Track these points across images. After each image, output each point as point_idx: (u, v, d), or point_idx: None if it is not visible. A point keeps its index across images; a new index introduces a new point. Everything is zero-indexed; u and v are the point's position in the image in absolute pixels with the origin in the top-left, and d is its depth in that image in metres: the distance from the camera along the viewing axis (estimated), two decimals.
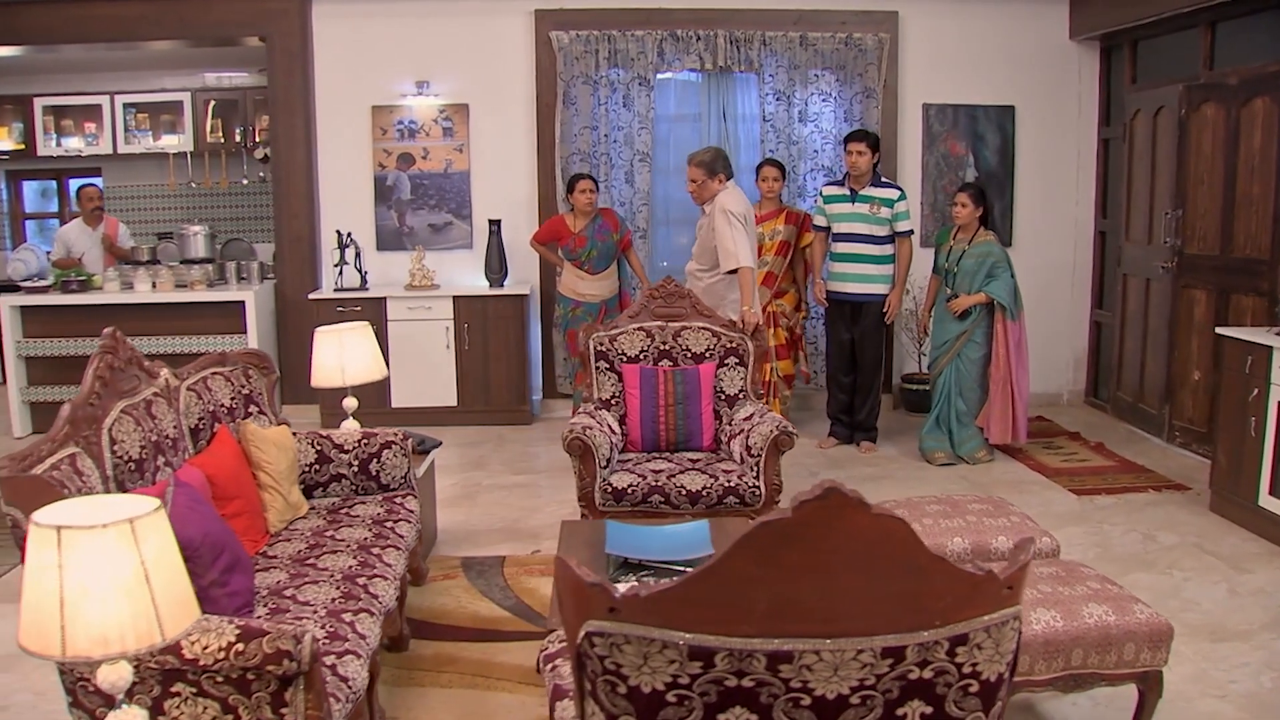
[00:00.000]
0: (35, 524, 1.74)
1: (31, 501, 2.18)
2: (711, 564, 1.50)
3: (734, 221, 4.99)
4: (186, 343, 6.50)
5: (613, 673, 1.59)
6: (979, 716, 1.69)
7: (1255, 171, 5.28)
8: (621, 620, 1.55)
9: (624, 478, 4.03)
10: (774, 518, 1.48)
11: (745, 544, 1.48)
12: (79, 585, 1.70)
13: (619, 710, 1.61)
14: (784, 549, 1.49)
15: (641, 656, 1.56)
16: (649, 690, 1.58)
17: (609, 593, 1.55)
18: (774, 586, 1.50)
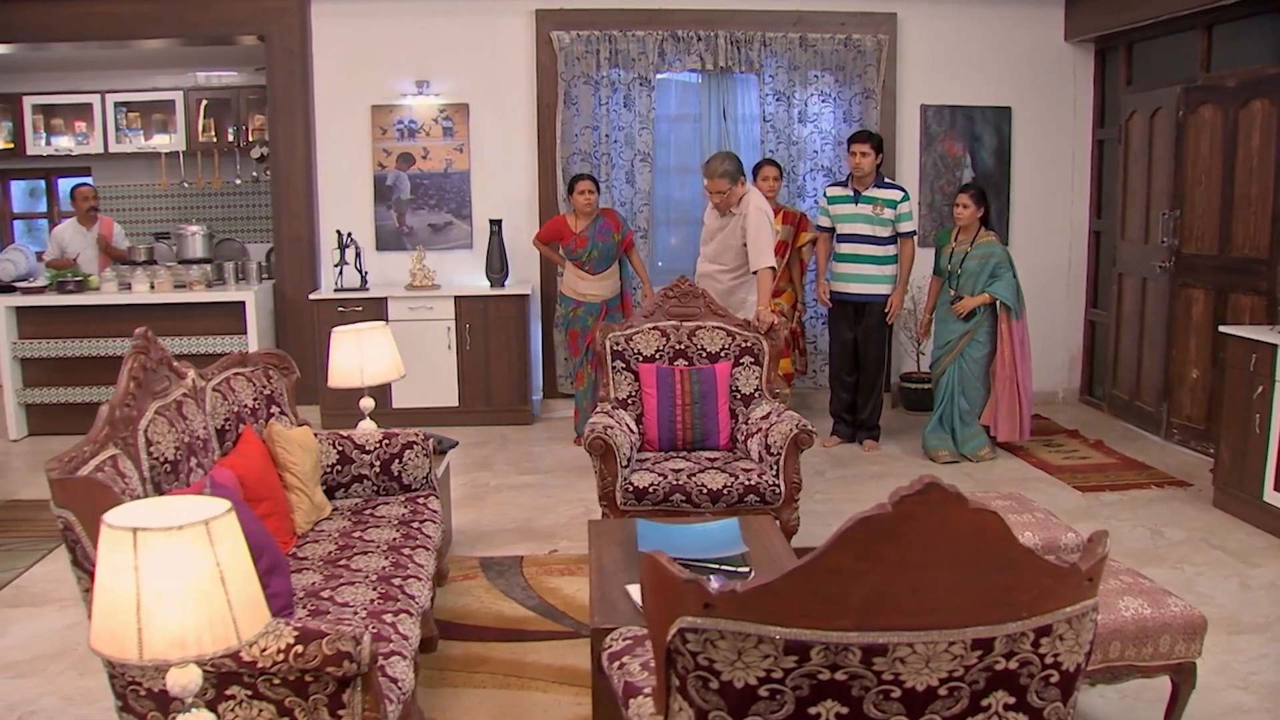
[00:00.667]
0: (109, 526, 1.72)
1: (85, 504, 2.16)
2: (811, 559, 1.51)
3: (766, 221, 5.04)
4: (186, 344, 6.44)
5: (705, 668, 1.60)
6: (1057, 706, 1.71)
7: (1254, 172, 5.36)
8: (716, 616, 1.56)
9: (645, 477, 4.03)
10: (873, 513, 1.49)
11: (845, 539, 1.50)
12: (156, 587, 1.69)
13: (710, 706, 1.62)
14: (882, 543, 1.50)
15: (735, 652, 1.57)
16: (741, 685, 1.59)
17: (704, 589, 1.56)
18: (871, 580, 1.52)
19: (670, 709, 1.69)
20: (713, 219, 5.42)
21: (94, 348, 6.45)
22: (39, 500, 5.22)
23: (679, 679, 1.64)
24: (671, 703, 1.68)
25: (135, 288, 6.48)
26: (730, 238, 5.27)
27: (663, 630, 1.63)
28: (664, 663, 1.66)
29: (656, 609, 1.64)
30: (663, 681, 1.69)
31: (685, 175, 7.17)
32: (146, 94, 8.04)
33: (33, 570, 4.25)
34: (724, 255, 5.30)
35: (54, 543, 4.57)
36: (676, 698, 1.67)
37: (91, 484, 2.17)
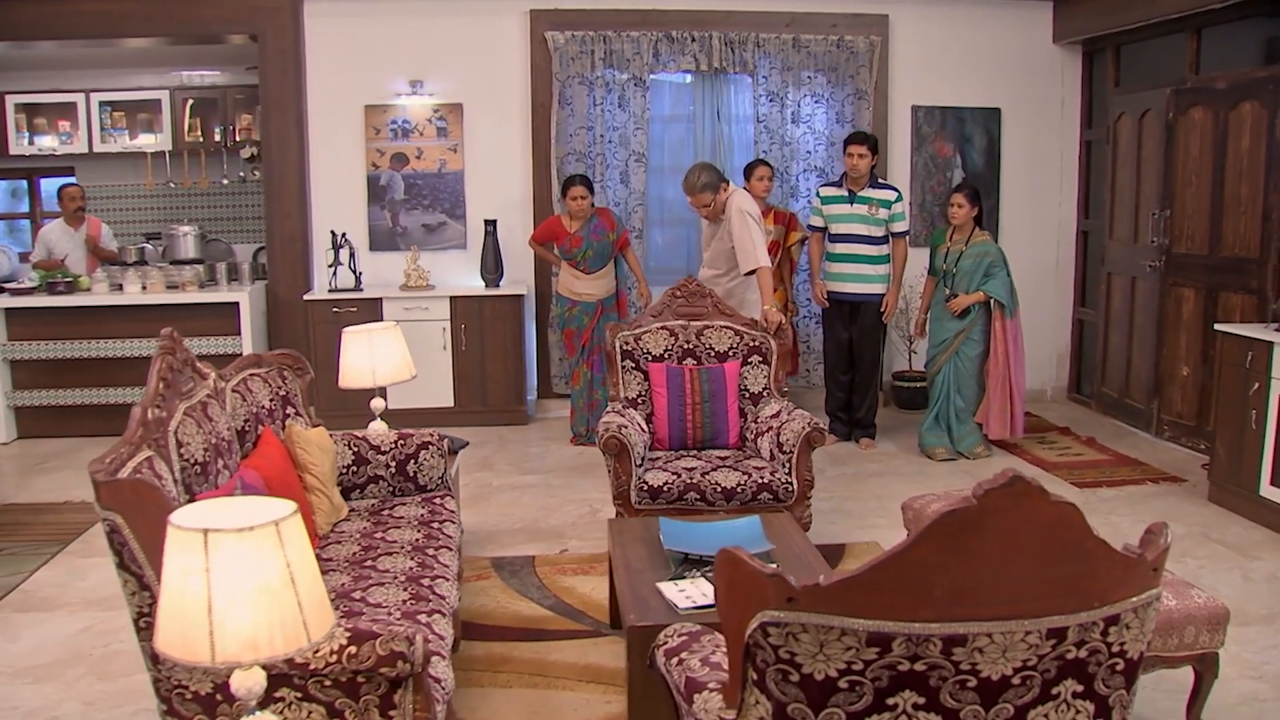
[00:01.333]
0: (178, 528, 1.70)
1: (133, 506, 2.15)
2: (896, 552, 1.54)
3: (750, 221, 5.06)
4: None
5: (786, 661, 1.61)
6: (1121, 694, 1.75)
7: (1244, 173, 5.47)
8: (799, 610, 1.57)
9: (659, 475, 4.05)
10: (959, 506, 1.51)
11: (931, 532, 1.52)
12: (228, 589, 1.67)
13: (789, 698, 1.64)
14: (967, 535, 1.52)
15: (818, 645, 1.59)
16: (821, 678, 1.61)
17: (787, 583, 1.57)
18: (954, 572, 1.54)
19: (745, 703, 1.71)
20: (708, 226, 5.47)
21: (85, 349, 6.37)
22: (35, 504, 5.15)
23: (757, 672, 1.66)
24: (746, 696, 1.70)
25: (127, 288, 6.41)
26: (721, 243, 5.32)
27: (741, 625, 1.64)
28: (741, 657, 1.67)
29: (734, 604, 1.66)
30: (738, 675, 1.70)
31: (679, 176, 7.16)
32: (132, 93, 7.93)
33: (37, 575, 4.19)
34: (719, 260, 5.35)
35: (55, 547, 4.51)
36: (753, 691, 1.68)
37: (140, 486, 2.15)
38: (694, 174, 5.33)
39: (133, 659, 3.41)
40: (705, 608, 2.79)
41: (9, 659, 3.43)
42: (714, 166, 5.44)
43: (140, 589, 2.16)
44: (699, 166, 5.41)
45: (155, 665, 2.22)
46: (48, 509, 5.06)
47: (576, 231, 6.16)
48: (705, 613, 2.75)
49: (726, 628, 1.71)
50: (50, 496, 5.29)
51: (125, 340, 6.41)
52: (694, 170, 5.37)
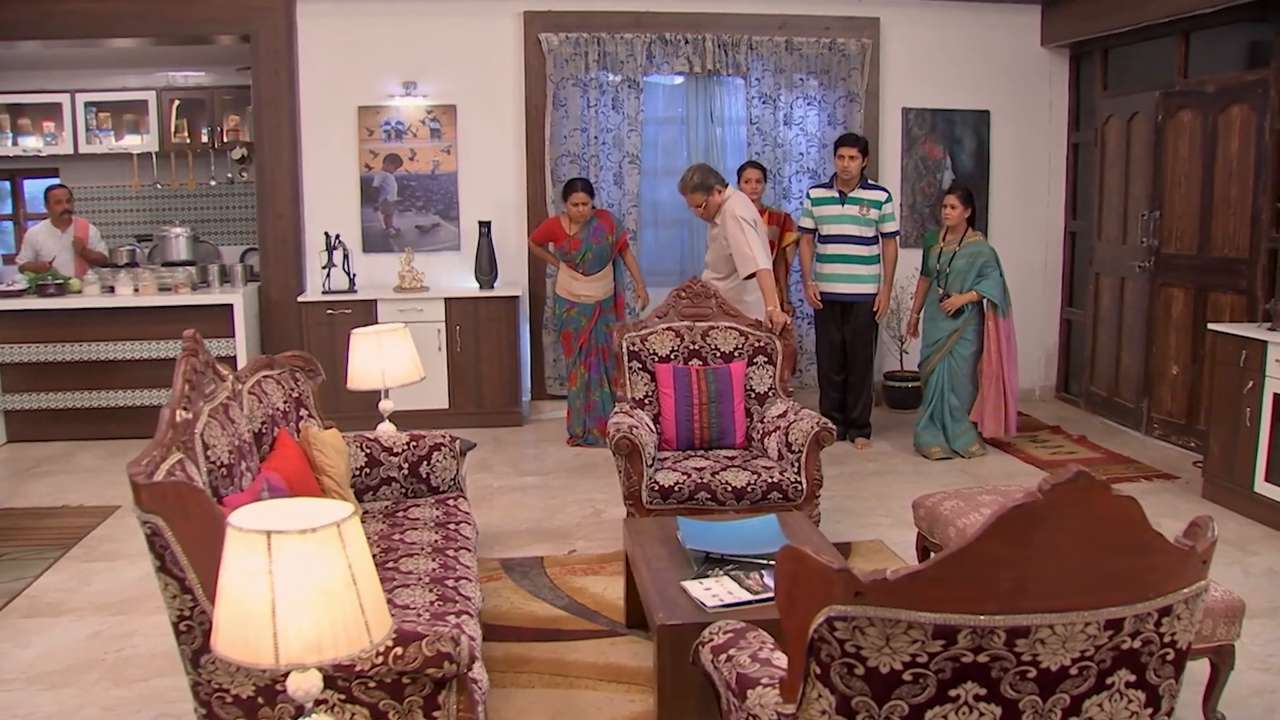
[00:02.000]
0: (240, 530, 1.69)
1: (176, 509, 2.13)
2: (963, 546, 1.56)
3: (745, 226, 5.11)
4: (172, 347, 6.32)
5: (852, 655, 1.63)
6: (1171, 683, 1.78)
7: (1233, 175, 5.56)
8: (867, 604, 1.59)
9: (669, 475, 4.07)
10: (1025, 501, 1.54)
11: (998, 526, 1.55)
12: (291, 591, 1.67)
13: (854, 691, 1.66)
14: (1033, 529, 1.55)
15: (884, 638, 1.61)
16: (887, 670, 1.63)
17: (855, 578, 1.59)
18: (1019, 565, 1.57)
19: (805, 697, 1.73)
20: (708, 228, 5.50)
21: (76, 352, 6.30)
22: (32, 509, 5.09)
23: (821, 666, 1.68)
24: (808, 691, 1.72)
25: (119, 290, 6.34)
26: (720, 246, 5.35)
27: (805, 620, 1.66)
28: (804, 651, 1.69)
29: (798, 599, 1.68)
30: (799, 670, 1.72)
31: (673, 177, 7.20)
32: (118, 94, 7.85)
33: (41, 580, 4.14)
34: (719, 263, 5.40)
35: (57, 551, 4.46)
36: (815, 685, 1.70)
37: (184, 489, 2.13)
38: (689, 174, 5.41)
39: (148, 664, 3.39)
40: (733, 605, 2.81)
41: (20, 665, 3.39)
42: (712, 169, 5.49)
43: (182, 592, 2.15)
44: (695, 168, 5.48)
45: (195, 669, 2.21)
46: (45, 513, 5.00)
47: (576, 234, 6.17)
48: (734, 610, 2.77)
49: (788, 623, 1.73)
50: (46, 501, 5.23)
51: (117, 343, 6.34)
52: (690, 171, 5.46)
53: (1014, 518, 1.55)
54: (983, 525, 1.56)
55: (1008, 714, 1.68)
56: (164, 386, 6.42)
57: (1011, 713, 1.68)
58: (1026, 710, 1.68)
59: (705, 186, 5.33)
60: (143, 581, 4.13)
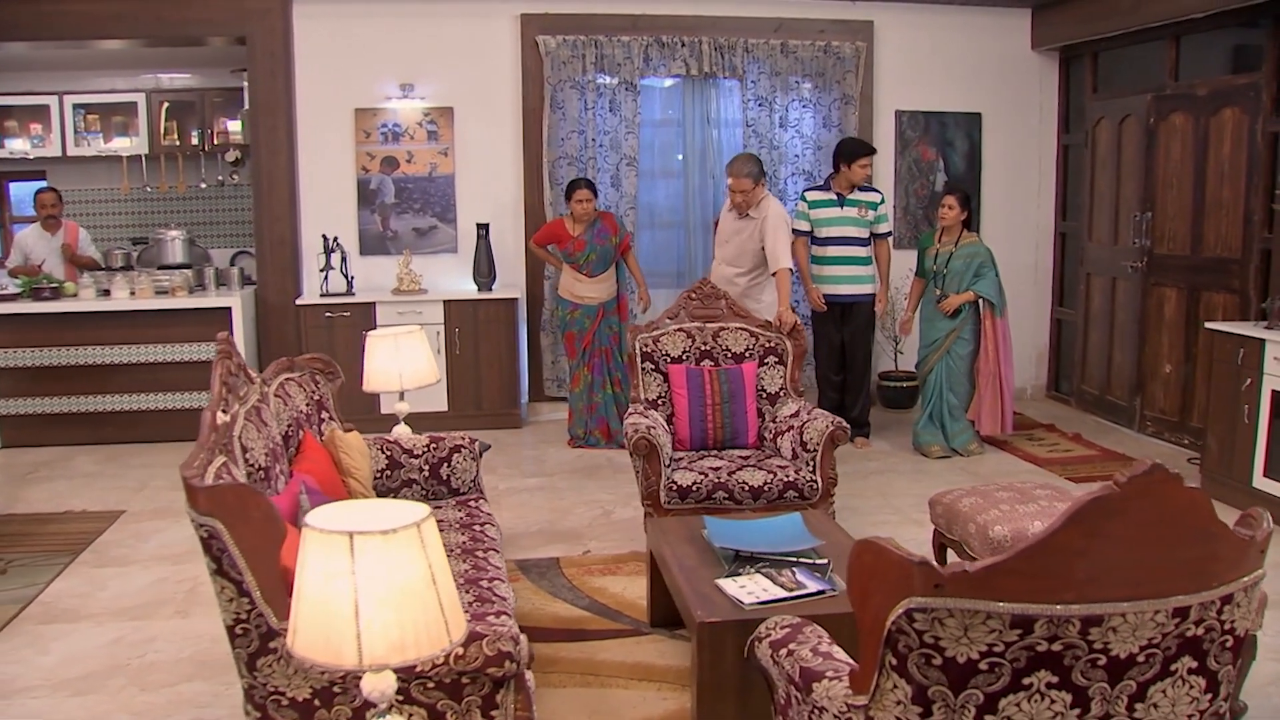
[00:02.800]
0: (322, 531, 1.69)
1: (235, 511, 2.13)
2: (1042, 538, 1.60)
3: (784, 223, 5.21)
4: (169, 351, 6.30)
5: (930, 646, 1.67)
6: (1229, 669, 1.83)
7: (1225, 177, 5.67)
8: (947, 595, 1.63)
9: (686, 475, 4.10)
10: (1103, 493, 1.59)
11: (1076, 518, 1.59)
12: (374, 591, 1.68)
13: (931, 681, 1.69)
14: (1109, 520, 1.60)
15: (962, 628, 1.65)
16: (964, 660, 1.67)
17: (935, 570, 1.63)
18: (1095, 556, 1.61)
19: (879, 688, 1.76)
20: (729, 222, 5.51)
21: (71, 356, 6.24)
22: (35, 514, 5.04)
23: (898, 658, 1.71)
24: (882, 682, 1.75)
25: (115, 294, 6.29)
26: (749, 241, 5.38)
27: (882, 612, 1.69)
28: (880, 643, 1.72)
29: (874, 592, 1.71)
30: (873, 662, 1.75)
31: (669, 179, 7.26)
32: (107, 95, 7.78)
33: (54, 586, 4.10)
34: (742, 258, 5.41)
35: (66, 557, 4.42)
36: (891, 676, 1.73)
37: (243, 491, 2.13)
38: (742, 160, 5.50)
39: (173, 669, 3.38)
40: (770, 602, 2.85)
41: (43, 672, 3.36)
42: (760, 161, 5.66)
43: (239, 595, 2.15)
44: (748, 155, 5.63)
45: (250, 672, 2.20)
46: (49, 519, 4.95)
47: (580, 235, 6.19)
48: (772, 607, 2.81)
49: (863, 615, 1.76)
50: (47, 506, 5.18)
51: (113, 347, 6.29)
52: (742, 157, 5.57)
53: (1091, 509, 1.59)
54: (1061, 517, 1.60)
55: (1077, 701, 1.72)
56: (162, 390, 6.39)
57: (1081, 700, 1.72)
58: (1095, 697, 1.72)
59: (756, 176, 5.45)
60: (158, 586, 4.11)
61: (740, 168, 5.36)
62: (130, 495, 5.37)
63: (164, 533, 4.77)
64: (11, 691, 3.23)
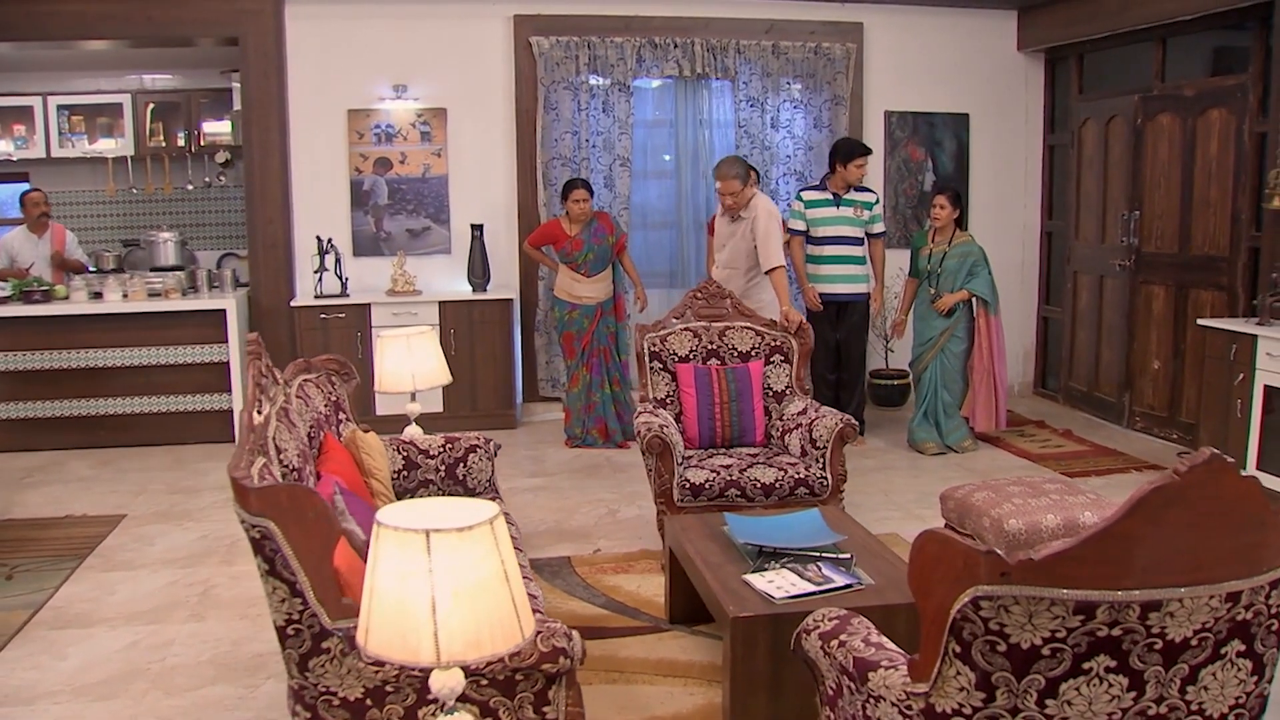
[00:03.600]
0: (398, 529, 1.70)
1: (290, 512, 2.13)
2: (1105, 526, 1.65)
3: (775, 222, 5.24)
4: (163, 354, 6.25)
5: (995, 633, 1.71)
6: (1273, 652, 1.89)
7: (1213, 176, 5.80)
8: (1013, 583, 1.67)
9: (699, 473, 4.13)
10: (1164, 482, 1.64)
11: (1138, 506, 1.64)
12: (451, 589, 1.69)
13: (994, 667, 1.74)
14: (1170, 509, 1.65)
15: (1027, 615, 1.69)
16: (1027, 646, 1.71)
17: (1001, 559, 1.67)
18: (1155, 542, 1.66)
19: (941, 675, 1.80)
20: (723, 225, 5.55)
21: (63, 360, 6.18)
22: (35, 519, 4.98)
23: (961, 645, 1.75)
24: (945, 669, 1.79)
25: (107, 297, 6.23)
26: (742, 241, 5.43)
27: (947, 600, 1.74)
28: (943, 631, 1.76)
29: (939, 581, 1.75)
30: (935, 650, 1.80)
31: (662, 180, 7.29)
32: (91, 96, 7.69)
33: (63, 591, 4.06)
34: (737, 259, 5.47)
35: (72, 562, 4.38)
36: (953, 663, 1.78)
37: (297, 492, 2.14)
38: (728, 162, 5.51)
39: (195, 672, 3.36)
40: (800, 596, 2.89)
41: (64, 677, 3.34)
42: (746, 162, 5.67)
43: (291, 596, 2.15)
44: (734, 157, 5.64)
45: (302, 672, 2.21)
46: (50, 524, 4.90)
47: (577, 235, 6.21)
48: (802, 601, 2.85)
49: (925, 604, 1.81)
50: (46, 511, 5.12)
51: (106, 350, 6.23)
52: (728, 159, 5.57)
53: (1153, 498, 1.64)
54: (1123, 506, 1.65)
55: (1133, 684, 1.77)
56: (155, 394, 6.34)
57: (1137, 683, 1.77)
58: (1150, 680, 1.77)
59: (744, 177, 5.47)
60: (169, 590, 4.08)
61: (727, 170, 5.40)
62: (129, 499, 5.33)
63: (168, 536, 4.74)
64: (33, 697, 3.21)
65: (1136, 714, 1.79)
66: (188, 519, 5.00)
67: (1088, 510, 3.57)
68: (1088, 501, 3.64)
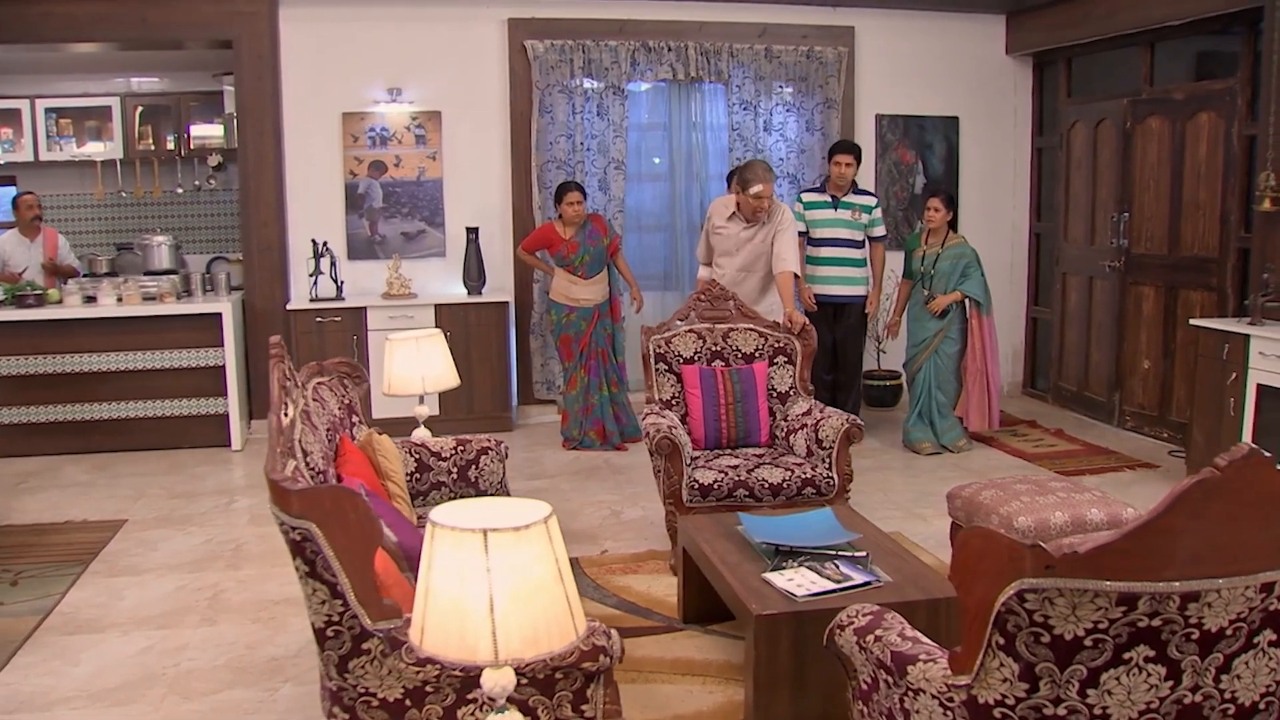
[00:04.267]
0: (455, 529, 1.71)
1: (332, 514, 2.13)
2: (1149, 520, 1.70)
3: (795, 230, 5.41)
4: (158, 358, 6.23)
5: (1040, 625, 1.76)
6: None
7: (1202, 178, 5.90)
8: (1057, 576, 1.72)
9: (707, 474, 4.16)
10: (1205, 476, 1.68)
11: (1180, 500, 1.69)
12: (509, 587, 1.71)
13: (1038, 659, 1.78)
14: (1211, 502, 1.69)
15: (1070, 607, 1.73)
16: (1070, 637, 1.76)
17: (1046, 553, 1.72)
18: (1196, 535, 1.71)
19: (985, 667, 1.84)
20: (736, 228, 5.54)
21: (57, 364, 6.13)
22: (35, 525, 4.95)
23: (1005, 637, 1.79)
24: (988, 661, 1.83)
25: (102, 300, 6.18)
26: (762, 246, 5.44)
27: (991, 594, 1.78)
28: (986, 624, 1.80)
29: (983, 575, 1.79)
30: (978, 642, 1.84)
31: (655, 182, 7.33)
32: (80, 100, 7.64)
33: (70, 597, 4.04)
34: (756, 263, 5.48)
35: (76, 567, 4.35)
36: (996, 655, 1.82)
37: (341, 493, 2.14)
38: (766, 167, 5.42)
39: (211, 676, 3.36)
40: (821, 594, 2.93)
41: (78, 683, 3.32)
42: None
43: (331, 597, 2.16)
44: (764, 163, 5.57)
45: (341, 674, 2.21)
46: (50, 529, 4.87)
47: (573, 237, 6.23)
48: (824, 599, 2.89)
49: (969, 598, 1.84)
50: (45, 517, 5.08)
51: (100, 354, 6.19)
52: (765, 164, 5.49)
53: (1194, 491, 1.69)
54: (1165, 500, 1.69)
55: (1170, 673, 1.81)
56: (150, 398, 6.30)
57: (1174, 672, 1.81)
58: (1186, 670, 1.82)
59: (773, 181, 5.47)
60: (178, 595, 4.07)
61: (765, 174, 5.33)
62: (128, 504, 5.29)
63: (171, 541, 4.72)
64: (49, 703, 3.19)
65: (1173, 702, 1.84)
66: (189, 523, 4.98)
67: (1094, 508, 3.63)
68: (1094, 499, 3.70)
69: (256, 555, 4.51)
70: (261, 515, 5.07)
